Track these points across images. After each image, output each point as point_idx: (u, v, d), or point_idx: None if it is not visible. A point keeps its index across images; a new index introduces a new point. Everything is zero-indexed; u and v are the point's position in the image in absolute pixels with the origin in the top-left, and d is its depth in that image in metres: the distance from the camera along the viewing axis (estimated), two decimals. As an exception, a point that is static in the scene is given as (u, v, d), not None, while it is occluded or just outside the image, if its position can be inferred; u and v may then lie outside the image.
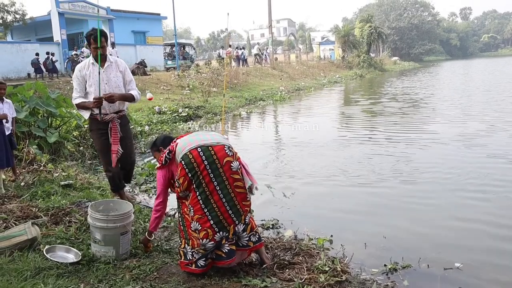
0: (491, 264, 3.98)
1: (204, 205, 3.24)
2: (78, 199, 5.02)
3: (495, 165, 7.07)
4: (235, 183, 3.27)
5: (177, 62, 27.52)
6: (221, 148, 3.27)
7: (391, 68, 51.72)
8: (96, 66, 4.62)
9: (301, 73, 33.36)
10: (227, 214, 3.27)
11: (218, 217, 3.26)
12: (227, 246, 3.32)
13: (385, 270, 3.82)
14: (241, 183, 3.30)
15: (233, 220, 3.30)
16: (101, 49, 4.55)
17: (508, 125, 10.44)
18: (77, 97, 4.66)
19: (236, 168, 3.28)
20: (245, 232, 3.38)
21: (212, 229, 3.25)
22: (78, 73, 4.67)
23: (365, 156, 8.00)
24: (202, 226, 3.26)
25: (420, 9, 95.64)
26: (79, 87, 4.65)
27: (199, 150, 3.23)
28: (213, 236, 3.26)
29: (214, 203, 3.24)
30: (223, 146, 3.28)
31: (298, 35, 79.88)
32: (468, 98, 17.50)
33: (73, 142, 8.02)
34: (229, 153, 3.27)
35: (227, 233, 3.29)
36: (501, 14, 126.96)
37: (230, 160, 3.26)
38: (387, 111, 14.73)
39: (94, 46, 4.55)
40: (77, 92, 4.66)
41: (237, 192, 3.29)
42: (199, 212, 3.26)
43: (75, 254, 3.59)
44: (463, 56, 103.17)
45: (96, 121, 4.75)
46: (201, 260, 3.32)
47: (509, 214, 5.13)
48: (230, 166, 3.25)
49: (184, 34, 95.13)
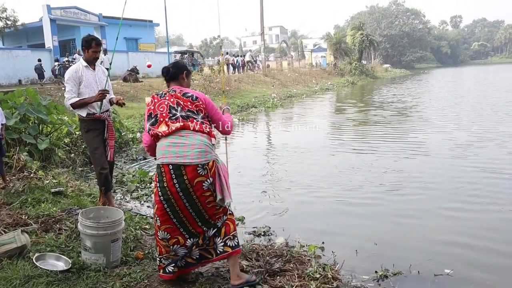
0: (480, 271, 4.01)
1: (173, 216, 3.19)
2: (68, 206, 4.98)
3: (481, 176, 7.11)
4: (206, 200, 3.16)
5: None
6: (193, 168, 3.09)
7: (382, 75, 52.11)
8: (89, 69, 4.89)
9: (293, 80, 33.51)
10: (197, 225, 3.23)
11: (187, 227, 3.23)
12: (196, 252, 3.33)
13: (376, 277, 3.83)
14: (212, 198, 3.17)
15: (202, 230, 3.26)
16: (98, 54, 4.92)
17: (495, 135, 10.50)
18: (73, 97, 4.76)
19: (207, 187, 3.13)
20: (219, 237, 3.28)
21: (183, 235, 3.24)
22: (74, 74, 4.77)
23: (355, 165, 8.02)
24: (172, 234, 3.23)
25: (411, 17, 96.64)
26: (74, 88, 4.76)
27: (170, 167, 3.11)
28: (184, 242, 3.25)
29: (184, 216, 3.19)
30: (196, 167, 3.09)
31: (290, 42, 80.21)
32: (456, 106, 17.59)
33: (64, 149, 7.98)
34: (201, 173, 3.10)
35: (197, 239, 3.27)
36: (490, 22, 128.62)
37: (202, 180, 3.11)
38: (376, 120, 14.78)
39: (95, 50, 4.85)
40: (72, 92, 4.76)
41: (208, 207, 3.19)
42: (167, 223, 3.20)
43: (65, 262, 3.56)
44: (453, 63, 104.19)
45: (93, 121, 4.90)
46: (170, 266, 3.32)
47: (496, 223, 5.17)
48: (202, 186, 3.12)
49: (177, 41, 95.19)
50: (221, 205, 3.20)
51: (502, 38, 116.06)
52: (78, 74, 4.79)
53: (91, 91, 4.81)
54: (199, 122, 3.21)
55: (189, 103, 3.24)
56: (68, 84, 4.76)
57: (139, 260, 3.79)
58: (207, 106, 3.30)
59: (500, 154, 8.49)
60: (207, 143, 3.17)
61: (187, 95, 3.28)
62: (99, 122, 4.95)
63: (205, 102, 3.31)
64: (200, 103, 3.27)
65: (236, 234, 3.35)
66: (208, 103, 3.32)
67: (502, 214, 5.32)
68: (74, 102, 4.74)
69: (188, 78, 3.54)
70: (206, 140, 3.18)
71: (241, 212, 5.45)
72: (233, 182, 6.58)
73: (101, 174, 4.95)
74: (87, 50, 4.86)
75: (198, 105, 3.26)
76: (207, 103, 3.32)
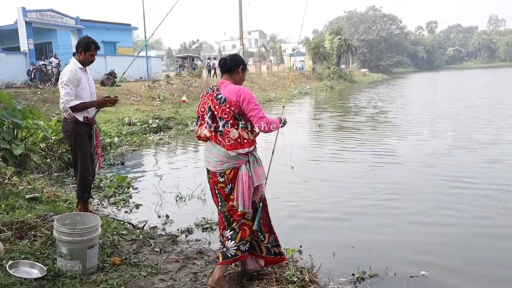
0: (455, 272, 4.10)
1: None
2: (44, 212, 4.89)
3: (451, 185, 7.26)
4: (230, 202, 3.41)
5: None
6: (214, 174, 3.41)
7: (360, 80, 52.75)
8: (84, 72, 4.82)
9: (272, 84, 33.64)
10: (222, 220, 3.52)
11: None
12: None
13: (353, 279, 3.88)
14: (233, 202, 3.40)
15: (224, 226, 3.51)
16: (94, 58, 4.87)
17: (466, 142, 10.67)
18: (72, 99, 4.60)
19: (229, 191, 3.39)
20: (233, 241, 3.40)
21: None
22: (74, 76, 4.64)
23: (332, 170, 8.11)
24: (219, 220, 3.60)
25: (388, 22, 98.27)
26: (72, 91, 4.62)
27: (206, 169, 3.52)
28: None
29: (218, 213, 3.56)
30: (215, 174, 3.39)
31: (269, 47, 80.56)
32: (430, 112, 17.84)
33: (40, 154, 7.84)
34: (220, 180, 3.39)
35: None
36: (465, 28, 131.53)
37: (223, 186, 3.40)
38: (348, 126, 14.96)
39: (93, 53, 4.80)
40: (71, 94, 4.60)
41: (232, 211, 3.42)
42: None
43: (40, 269, 3.51)
44: (429, 68, 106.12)
45: (85, 125, 4.80)
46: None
47: (473, 223, 5.31)
48: (224, 190, 3.41)
49: (155, 44, 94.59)
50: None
51: (476, 43, 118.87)
52: (77, 76, 4.68)
53: (86, 94, 4.75)
54: (219, 134, 3.33)
55: (217, 106, 3.32)
56: (67, 86, 4.58)
57: (116, 266, 3.76)
58: (240, 105, 3.31)
59: (472, 162, 8.68)
60: (224, 153, 3.31)
61: (218, 97, 3.34)
62: (89, 127, 4.87)
63: (236, 104, 3.30)
64: (227, 106, 3.28)
65: (249, 239, 3.50)
66: (242, 100, 3.30)
67: (471, 220, 5.45)
68: (75, 105, 4.58)
69: (243, 73, 3.57)
70: (224, 150, 3.30)
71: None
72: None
73: (88, 180, 4.88)
74: (84, 53, 4.75)
75: (224, 109, 3.29)
76: (241, 101, 3.30)
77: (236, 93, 3.31)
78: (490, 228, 5.16)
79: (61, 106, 4.68)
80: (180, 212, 5.88)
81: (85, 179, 4.85)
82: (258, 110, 3.31)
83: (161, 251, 4.32)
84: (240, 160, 3.32)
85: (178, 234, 4.94)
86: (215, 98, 3.34)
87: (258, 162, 3.43)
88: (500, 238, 4.88)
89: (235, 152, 3.28)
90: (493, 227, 5.19)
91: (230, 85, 3.39)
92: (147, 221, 5.32)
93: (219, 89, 3.39)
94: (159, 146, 11.45)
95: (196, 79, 23.98)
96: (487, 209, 5.67)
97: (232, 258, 3.38)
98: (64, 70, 4.75)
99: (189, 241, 4.75)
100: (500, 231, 5.09)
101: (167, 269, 3.88)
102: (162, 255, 4.23)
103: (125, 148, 10.67)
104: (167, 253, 4.29)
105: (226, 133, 3.29)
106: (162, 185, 7.17)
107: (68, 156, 8.22)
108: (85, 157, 4.82)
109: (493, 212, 5.58)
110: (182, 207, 6.11)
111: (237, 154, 3.29)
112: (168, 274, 3.76)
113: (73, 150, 4.85)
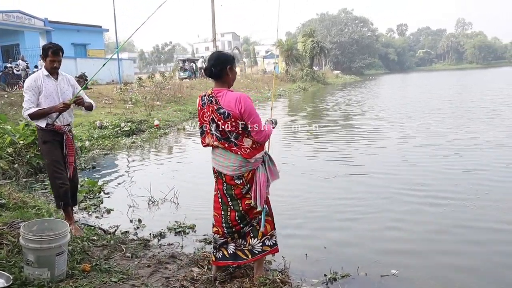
0: (425, 270, 4.17)
1: (221, 205, 3.54)
2: (10, 219, 4.76)
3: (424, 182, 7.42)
4: (246, 201, 3.45)
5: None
6: (230, 178, 3.41)
7: (333, 81, 53.30)
8: (50, 79, 4.69)
9: (245, 86, 33.64)
10: (236, 221, 3.51)
11: (228, 220, 3.51)
12: (232, 247, 3.59)
13: (325, 280, 3.91)
14: (250, 201, 3.44)
15: (240, 226, 3.53)
16: (58, 63, 4.69)
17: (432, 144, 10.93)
18: (31, 107, 4.55)
19: (246, 191, 3.43)
20: (256, 239, 3.52)
21: (222, 227, 3.55)
22: (33, 83, 4.58)
23: (303, 173, 8.15)
24: (215, 223, 3.60)
25: (360, 24, 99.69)
26: (32, 98, 4.56)
27: (216, 170, 3.50)
28: (222, 233, 3.55)
29: (229, 211, 3.50)
30: (232, 177, 3.40)
31: (242, 49, 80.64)
32: (397, 113, 18.23)
33: (7, 159, 7.64)
34: (237, 182, 3.41)
35: (233, 234, 3.56)
36: (434, 31, 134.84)
37: (240, 187, 3.42)
38: (320, 129, 15.12)
39: (52, 59, 4.64)
40: (30, 102, 4.55)
41: (247, 208, 3.47)
42: (217, 210, 3.58)
43: (6, 278, 3.40)
44: (400, 70, 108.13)
45: (52, 133, 4.70)
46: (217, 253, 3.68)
47: (443, 221, 5.41)
48: (241, 191, 3.43)
49: (127, 47, 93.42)
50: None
51: (445, 46, 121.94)
52: (37, 83, 4.59)
53: (51, 102, 4.62)
54: (232, 144, 3.33)
55: (222, 121, 3.28)
56: (26, 94, 4.56)
57: (86, 272, 3.69)
58: (242, 117, 3.26)
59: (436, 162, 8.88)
60: (241, 159, 3.34)
61: (220, 111, 3.27)
62: (58, 135, 4.74)
63: (239, 116, 3.25)
64: (232, 120, 3.26)
65: (274, 233, 3.63)
66: (244, 112, 3.24)
67: (442, 219, 5.57)
68: (31, 112, 4.52)
69: (233, 72, 3.42)
70: (241, 157, 3.33)
71: (192, 220, 5.43)
72: (185, 190, 6.58)
73: (60, 187, 4.74)
74: (44, 59, 4.69)
75: (230, 123, 3.27)
76: (242, 113, 3.25)
77: (237, 104, 3.23)
78: (460, 225, 5.27)
79: (23, 114, 4.67)
80: (152, 216, 5.82)
81: (57, 186, 4.75)
82: (258, 123, 3.32)
83: (132, 256, 4.26)
84: (258, 162, 3.41)
85: (150, 239, 4.89)
86: (217, 112, 3.28)
87: (272, 161, 3.55)
88: (470, 235, 5.01)
89: (253, 158, 3.35)
90: (462, 223, 5.30)
91: (228, 94, 3.29)
92: (118, 226, 5.26)
93: (218, 101, 3.28)
94: (132, 149, 11.31)
95: (169, 81, 23.73)
96: (457, 207, 5.80)
97: (260, 254, 3.54)
98: (28, 77, 4.70)
99: (161, 245, 4.70)
100: (470, 226, 5.21)
101: (139, 274, 3.83)
102: (133, 260, 4.17)
103: (97, 152, 10.49)
104: (138, 258, 4.24)
105: (240, 144, 3.31)
106: (135, 189, 7.07)
107: (36, 161, 8.05)
108: (53, 164, 4.73)
109: (463, 210, 5.72)
110: (155, 211, 6.05)
111: (255, 159, 3.37)
112: (140, 280, 3.71)
113: (43, 157, 4.77)
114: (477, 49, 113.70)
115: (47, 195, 6.74)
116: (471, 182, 6.98)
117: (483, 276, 4.05)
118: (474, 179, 7.16)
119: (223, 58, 3.38)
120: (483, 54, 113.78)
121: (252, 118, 3.27)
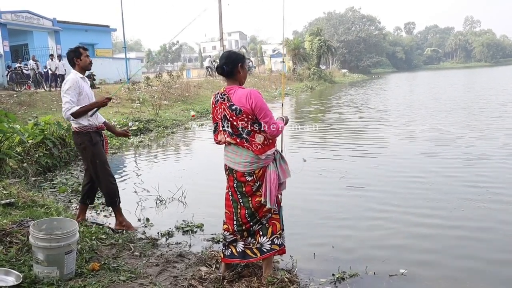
0: (434, 270, 4.14)
1: (232, 203, 3.57)
2: (20, 218, 4.80)
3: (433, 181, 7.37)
4: (256, 199, 3.47)
5: None
6: (241, 174, 3.44)
7: (340, 80, 53.16)
8: (84, 80, 4.90)
9: (252, 85, 33.59)
10: (246, 219, 3.52)
11: (238, 217, 3.54)
12: (241, 245, 3.61)
13: (333, 279, 3.89)
14: (260, 198, 3.46)
15: (249, 224, 3.55)
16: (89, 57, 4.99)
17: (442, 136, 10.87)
18: (73, 107, 4.67)
19: (256, 189, 3.46)
20: (266, 237, 3.54)
21: (232, 224, 3.57)
22: (75, 84, 4.70)
23: (312, 172, 8.11)
24: (226, 220, 3.63)
25: (367, 23, 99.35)
26: (74, 98, 4.68)
27: (227, 167, 3.55)
28: (232, 230, 3.57)
29: (239, 208, 3.53)
30: (243, 173, 3.43)
31: (249, 48, 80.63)
32: (408, 112, 18.15)
33: (16, 159, 7.70)
34: (248, 179, 3.44)
35: (242, 232, 3.57)
36: (442, 29, 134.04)
37: (251, 184, 3.44)
38: (328, 127, 15.08)
39: (86, 54, 4.96)
40: (72, 102, 4.66)
41: (257, 206, 3.49)
42: (228, 208, 3.61)
43: (16, 276, 3.43)
44: (408, 68, 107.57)
45: (97, 133, 4.94)
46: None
47: (455, 220, 5.38)
48: (251, 188, 3.46)
49: (135, 46, 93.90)
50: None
51: (453, 44, 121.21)
52: (79, 84, 4.74)
53: (86, 103, 4.79)
54: (244, 140, 3.37)
55: (234, 117, 3.33)
56: (68, 95, 4.65)
57: (95, 271, 3.70)
58: (254, 112, 3.32)
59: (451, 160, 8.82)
60: (252, 155, 3.37)
61: (232, 107, 3.34)
62: (100, 135, 4.99)
63: (251, 111, 3.31)
64: (244, 116, 3.31)
65: (282, 233, 3.65)
66: (255, 107, 3.30)
67: (450, 219, 5.54)
68: (74, 111, 4.64)
69: (244, 69, 3.49)
70: (252, 153, 3.36)
71: (200, 219, 5.43)
72: (193, 189, 6.59)
73: (113, 185, 5.01)
74: (78, 59, 4.85)
75: (242, 119, 3.33)
76: (254, 108, 3.30)
77: (248, 100, 3.30)
78: (467, 226, 5.23)
79: (63, 115, 4.74)
80: (160, 215, 5.84)
81: (111, 184, 5.00)
82: (270, 117, 3.35)
83: (141, 255, 4.28)
84: (269, 159, 3.42)
85: (158, 238, 4.90)
86: (229, 109, 3.35)
87: (283, 159, 3.55)
88: (479, 233, 4.96)
89: (264, 155, 3.37)
90: (470, 224, 5.27)
91: (239, 91, 3.37)
92: (126, 225, 5.26)
93: (229, 98, 3.36)
94: (139, 148, 11.35)
95: (176, 81, 23.78)
96: (466, 207, 5.76)
97: (269, 253, 3.55)
98: (66, 80, 4.81)
99: (169, 244, 4.72)
100: (477, 226, 5.18)
101: (147, 273, 3.85)
102: (142, 259, 4.18)
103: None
104: (147, 257, 4.25)
105: (252, 140, 3.35)
106: (142, 188, 7.10)
107: (45, 160, 8.10)
108: (104, 163, 4.97)
109: (470, 210, 5.68)
110: (163, 210, 6.06)
111: (266, 156, 3.39)
112: (148, 278, 3.72)
113: (91, 160, 4.91)
114: (485, 47, 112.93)
115: (56, 194, 6.79)
116: (480, 181, 6.93)
117: (492, 277, 4.01)
118: (482, 182, 7.12)
119: (234, 57, 3.47)
120: (491, 52, 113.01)
121: (263, 112, 3.32)
